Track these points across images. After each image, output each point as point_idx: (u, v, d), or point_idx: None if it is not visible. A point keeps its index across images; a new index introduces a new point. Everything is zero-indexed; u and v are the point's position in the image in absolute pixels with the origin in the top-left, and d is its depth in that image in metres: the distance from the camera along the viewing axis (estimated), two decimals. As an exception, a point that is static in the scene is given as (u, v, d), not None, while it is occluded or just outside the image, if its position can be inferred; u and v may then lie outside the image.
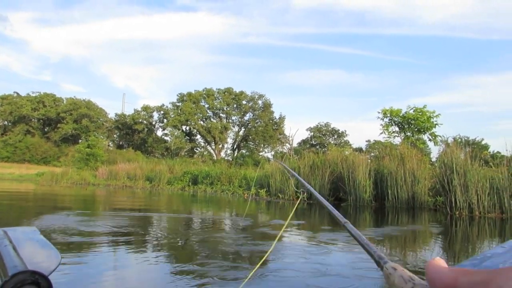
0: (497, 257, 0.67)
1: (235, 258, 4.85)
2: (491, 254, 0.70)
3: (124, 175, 27.78)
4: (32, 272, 0.67)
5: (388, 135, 17.95)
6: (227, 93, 53.37)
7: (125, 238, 6.04)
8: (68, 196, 17.07)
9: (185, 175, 24.50)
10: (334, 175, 14.91)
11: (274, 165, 17.60)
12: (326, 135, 52.22)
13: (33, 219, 7.81)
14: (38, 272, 0.68)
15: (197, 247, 5.57)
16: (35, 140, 51.94)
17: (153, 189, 22.90)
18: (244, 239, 6.26)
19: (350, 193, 13.95)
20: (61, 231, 6.23)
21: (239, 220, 9.20)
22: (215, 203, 15.27)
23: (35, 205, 12.44)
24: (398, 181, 13.13)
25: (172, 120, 51.12)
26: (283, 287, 3.66)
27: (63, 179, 29.19)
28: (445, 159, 12.36)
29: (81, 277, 3.67)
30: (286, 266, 4.45)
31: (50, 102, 56.10)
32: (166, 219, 9.05)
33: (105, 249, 5.14)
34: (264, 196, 16.38)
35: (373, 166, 14.26)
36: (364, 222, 10.29)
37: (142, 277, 3.91)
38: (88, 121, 54.19)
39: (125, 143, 57.62)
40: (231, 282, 3.68)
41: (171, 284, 3.58)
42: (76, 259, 4.36)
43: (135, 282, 3.73)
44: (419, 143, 16.66)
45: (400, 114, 17.54)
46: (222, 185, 20.99)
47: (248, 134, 53.76)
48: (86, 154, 36.91)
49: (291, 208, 13.45)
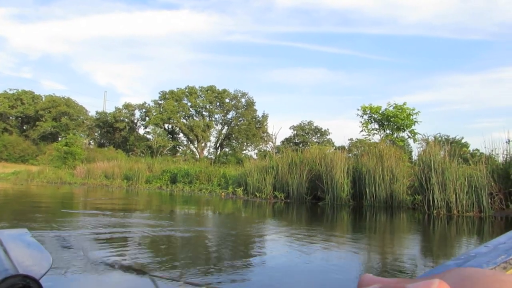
0: (481, 257, 0.70)
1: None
2: (475, 254, 0.73)
3: (101, 173, 27.12)
4: (24, 276, 0.67)
5: (368, 133, 17.70)
6: (210, 91, 52.75)
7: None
8: (26, 196, 16.39)
9: (164, 173, 23.97)
10: (312, 173, 14.57)
11: (253, 163, 17.20)
12: (309, 134, 52.03)
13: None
14: (29, 276, 0.67)
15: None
16: (12, 138, 50.52)
17: (129, 188, 22.28)
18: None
19: (328, 191, 13.60)
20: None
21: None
22: (184, 202, 14.80)
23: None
24: (377, 180, 12.83)
25: (154, 118, 50.30)
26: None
27: (39, 178, 28.37)
28: (424, 157, 12.12)
29: (71, 280, 3.58)
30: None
31: (29, 99, 54.69)
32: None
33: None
34: (241, 195, 15.94)
35: (351, 164, 13.95)
36: (341, 222, 9.96)
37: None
38: (67, 119, 52.93)
39: (106, 141, 56.54)
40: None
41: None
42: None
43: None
44: (398, 141, 16.41)
45: (379, 111, 17.29)
46: (201, 183, 20.52)
47: (231, 132, 53.26)
48: (64, 153, 35.94)
49: (268, 207, 13.08)
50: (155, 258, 4.62)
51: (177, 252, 5.25)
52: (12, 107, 53.34)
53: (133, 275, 3.83)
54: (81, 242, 5.47)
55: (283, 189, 15.08)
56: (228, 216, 11.08)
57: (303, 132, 52.07)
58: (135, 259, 4.47)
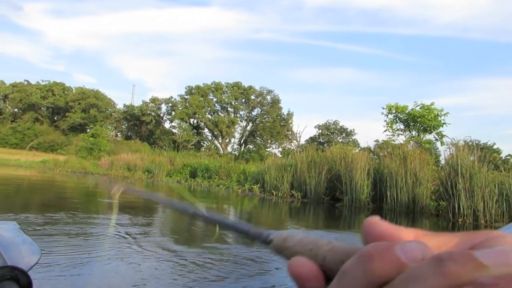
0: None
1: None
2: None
3: (124, 165, 27.31)
4: (12, 267, 0.66)
5: (392, 133, 16.89)
6: (236, 87, 52.56)
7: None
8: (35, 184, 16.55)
9: (184, 167, 23.90)
10: (331, 173, 14.02)
11: (271, 160, 16.78)
12: (334, 133, 51.05)
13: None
14: (17, 268, 0.67)
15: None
16: (43, 128, 51.94)
17: (149, 181, 22.29)
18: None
19: (346, 193, 13.01)
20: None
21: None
22: (194, 197, 14.50)
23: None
24: (399, 182, 12.16)
25: (180, 113, 50.55)
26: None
27: (64, 167, 28.87)
28: (451, 161, 11.39)
29: (60, 272, 3.49)
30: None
31: (59, 91, 56.04)
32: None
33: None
34: (258, 193, 15.55)
35: (372, 165, 13.31)
36: (359, 227, 9.39)
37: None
38: (96, 111, 53.93)
39: (133, 134, 57.33)
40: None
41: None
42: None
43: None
44: (425, 143, 15.54)
45: (406, 111, 16.45)
46: (220, 179, 20.27)
47: (255, 129, 52.92)
48: (90, 144, 36.57)
49: (285, 207, 12.64)
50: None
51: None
52: (43, 98, 54.82)
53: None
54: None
55: (300, 188, 14.59)
56: (241, 216, 10.72)
57: (328, 132, 51.15)
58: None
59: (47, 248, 4.28)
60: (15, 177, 18.87)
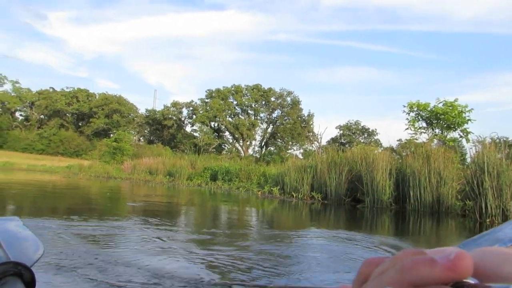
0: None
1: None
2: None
3: (146, 169, 27.60)
4: (15, 263, 0.65)
5: (414, 131, 16.41)
6: (256, 90, 52.56)
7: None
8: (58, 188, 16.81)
9: (205, 171, 23.94)
10: (352, 174, 13.72)
11: (291, 162, 16.57)
12: (355, 134, 50.36)
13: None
14: (20, 263, 0.66)
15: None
16: (68, 133, 53.20)
17: (170, 184, 22.42)
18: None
19: (368, 194, 12.70)
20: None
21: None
22: (214, 200, 14.46)
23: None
24: (422, 182, 11.77)
25: (200, 116, 50.89)
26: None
27: (88, 172, 29.40)
28: (477, 159, 10.95)
29: (63, 267, 3.48)
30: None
31: (83, 97, 57.35)
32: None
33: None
34: (277, 195, 15.39)
35: (394, 165, 12.95)
36: (382, 228, 9.10)
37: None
38: (119, 116, 54.91)
39: (155, 138, 58.06)
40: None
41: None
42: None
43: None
44: (449, 141, 15.03)
45: (428, 108, 15.98)
46: (240, 181, 20.18)
47: (276, 131, 52.76)
48: (113, 148, 37.18)
49: (305, 208, 12.45)
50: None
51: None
52: (68, 104, 56.20)
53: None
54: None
55: (320, 189, 14.35)
56: (262, 218, 10.60)
57: (350, 132, 50.51)
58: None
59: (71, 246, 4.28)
60: (41, 182, 19.29)
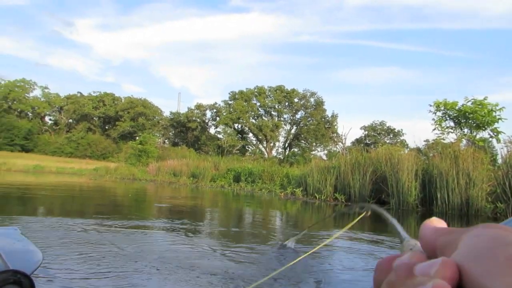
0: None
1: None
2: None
3: (170, 171, 27.90)
4: (14, 271, 0.66)
5: (441, 131, 15.88)
6: (279, 91, 52.38)
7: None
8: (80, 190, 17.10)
9: (228, 172, 23.99)
10: (377, 175, 13.41)
11: (314, 163, 16.37)
12: (381, 134, 49.37)
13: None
14: (20, 272, 0.66)
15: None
16: (95, 137, 54.43)
17: (193, 186, 22.57)
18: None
19: (393, 195, 12.37)
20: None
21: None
22: (237, 201, 14.42)
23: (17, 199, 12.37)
24: (450, 184, 11.37)
25: (224, 118, 51.11)
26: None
27: (114, 174, 29.97)
28: (508, 159, 10.51)
29: (62, 275, 3.50)
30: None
31: (110, 101, 58.57)
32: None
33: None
34: (300, 196, 15.22)
35: (421, 166, 12.57)
36: (409, 230, 8.82)
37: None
38: (144, 119, 55.77)
39: (179, 140, 58.67)
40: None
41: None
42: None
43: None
44: (478, 141, 14.45)
45: (455, 107, 15.43)
46: (263, 183, 20.11)
47: (299, 132, 52.41)
48: (138, 151, 37.77)
49: (328, 210, 12.25)
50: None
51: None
52: (95, 108, 57.52)
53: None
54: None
55: (344, 190, 14.10)
56: (285, 219, 10.48)
57: (375, 133, 49.58)
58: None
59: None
60: (69, 184, 19.77)
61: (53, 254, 4.21)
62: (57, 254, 4.29)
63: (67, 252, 4.41)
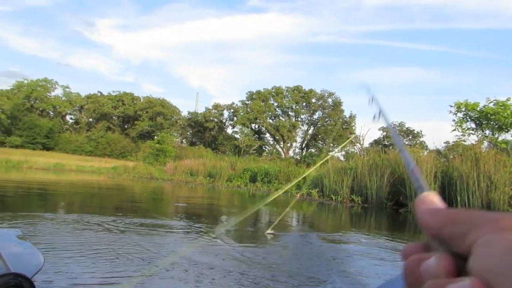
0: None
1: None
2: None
3: (187, 170, 28.05)
4: (16, 274, 0.68)
5: (462, 133, 15.50)
6: (296, 91, 52.15)
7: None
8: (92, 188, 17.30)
9: (245, 172, 23.97)
10: (394, 176, 13.20)
11: (330, 164, 16.21)
12: (400, 135, 48.58)
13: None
14: (21, 275, 0.69)
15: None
16: (115, 136, 55.22)
17: (209, 185, 22.65)
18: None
19: (411, 197, 12.15)
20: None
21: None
22: (251, 202, 14.36)
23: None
24: (470, 186, 11.10)
25: (241, 118, 51.17)
26: None
27: (132, 173, 30.30)
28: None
29: (63, 278, 3.40)
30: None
31: (129, 100, 59.35)
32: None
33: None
34: (316, 197, 15.10)
35: (440, 168, 12.31)
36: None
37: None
38: (162, 119, 56.31)
39: (197, 140, 59.03)
40: None
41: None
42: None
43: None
44: (501, 143, 14.05)
45: (477, 108, 15.04)
46: (280, 183, 20.03)
47: (317, 133, 52.08)
48: (156, 150, 38.10)
49: (345, 212, 12.12)
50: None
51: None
52: (115, 107, 58.36)
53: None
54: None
55: (361, 192, 13.92)
56: (302, 221, 10.42)
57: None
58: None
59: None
60: (87, 182, 20.10)
61: (65, 254, 4.26)
62: (70, 253, 4.34)
63: (83, 250, 4.45)
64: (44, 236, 5.14)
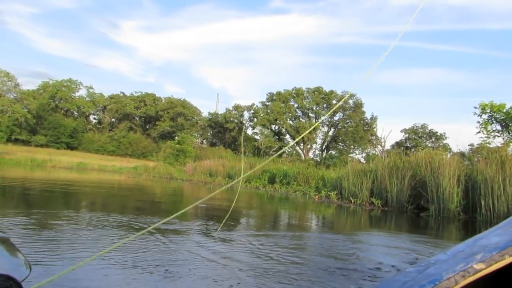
0: (441, 264, 0.72)
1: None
2: (435, 261, 0.75)
3: (206, 171, 28.15)
4: (8, 277, 0.65)
5: (487, 135, 15.00)
6: (317, 93, 51.78)
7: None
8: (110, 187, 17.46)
9: (263, 173, 23.88)
10: (416, 179, 12.85)
11: (350, 166, 15.95)
12: (422, 138, 47.63)
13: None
14: (12, 278, 0.65)
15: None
16: (136, 136, 56.08)
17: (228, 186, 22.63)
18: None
19: (433, 201, 11.80)
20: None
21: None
22: (268, 204, 14.26)
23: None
24: (495, 190, 10.69)
25: (261, 119, 51.14)
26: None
27: (152, 173, 30.65)
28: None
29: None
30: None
31: (150, 101, 60.18)
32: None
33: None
34: (335, 199, 14.88)
35: (464, 171, 11.92)
36: (449, 239, 8.32)
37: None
38: (183, 119, 56.82)
39: (217, 141, 59.31)
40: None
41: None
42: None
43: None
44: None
45: (503, 110, 14.53)
46: (298, 185, 19.85)
47: (337, 134, 51.56)
48: (176, 150, 38.44)
49: (364, 215, 11.89)
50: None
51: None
52: (137, 108, 59.25)
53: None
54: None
55: (381, 195, 13.63)
56: (321, 224, 10.26)
57: (416, 136, 47.91)
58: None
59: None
60: (108, 181, 20.40)
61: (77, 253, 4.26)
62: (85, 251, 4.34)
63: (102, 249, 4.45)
64: (59, 233, 5.18)
